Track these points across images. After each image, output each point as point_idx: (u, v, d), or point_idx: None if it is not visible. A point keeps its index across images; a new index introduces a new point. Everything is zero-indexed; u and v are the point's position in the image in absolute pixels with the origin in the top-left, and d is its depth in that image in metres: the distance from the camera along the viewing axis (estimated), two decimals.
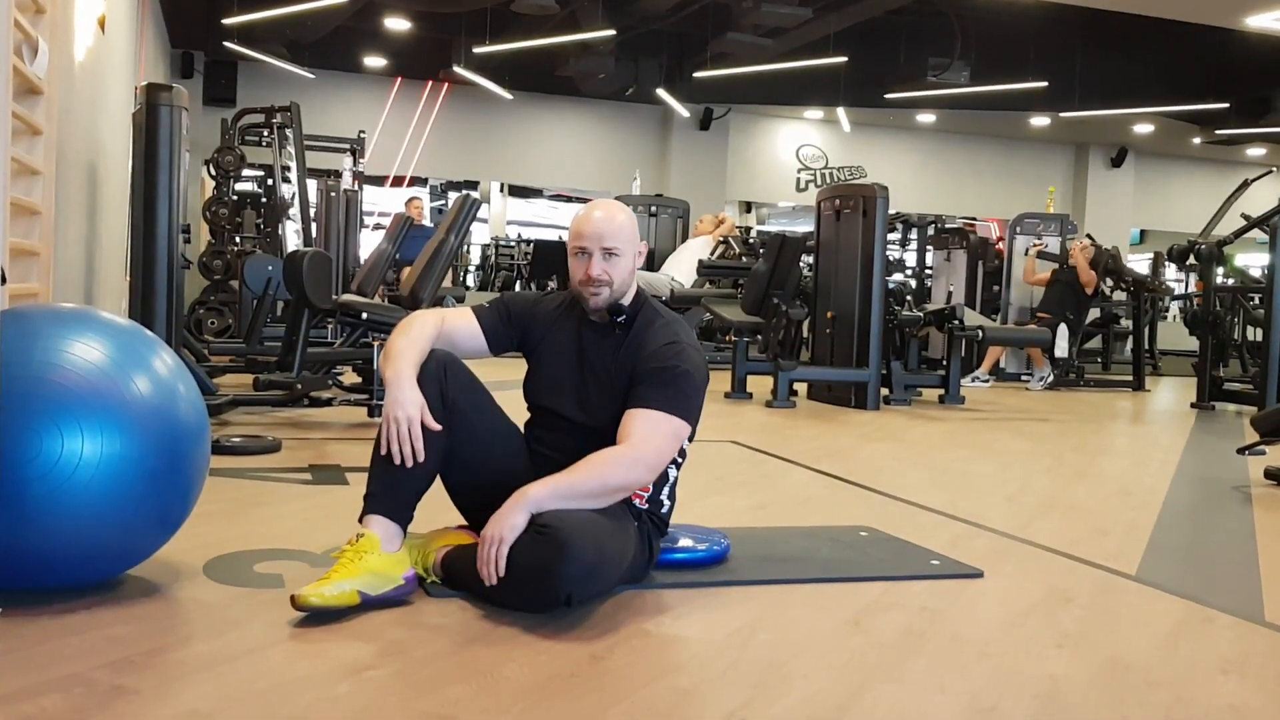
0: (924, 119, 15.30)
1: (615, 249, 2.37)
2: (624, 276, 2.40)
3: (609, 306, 2.41)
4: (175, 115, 4.26)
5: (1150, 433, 6.82)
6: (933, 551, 2.88)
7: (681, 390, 2.31)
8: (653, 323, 2.43)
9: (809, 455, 4.67)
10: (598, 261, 2.37)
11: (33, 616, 1.99)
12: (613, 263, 2.37)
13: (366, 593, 2.11)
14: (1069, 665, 2.03)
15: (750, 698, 1.79)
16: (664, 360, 2.33)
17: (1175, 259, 8.95)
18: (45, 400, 1.99)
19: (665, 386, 2.30)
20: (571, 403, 2.43)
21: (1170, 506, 3.85)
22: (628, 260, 2.40)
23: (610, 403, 2.36)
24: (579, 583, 2.08)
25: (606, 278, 2.37)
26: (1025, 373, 9.51)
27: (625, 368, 2.37)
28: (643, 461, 2.25)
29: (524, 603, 2.14)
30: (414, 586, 2.22)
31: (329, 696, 1.73)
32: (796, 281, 7.93)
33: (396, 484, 2.25)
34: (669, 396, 2.29)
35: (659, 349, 2.35)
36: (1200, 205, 14.63)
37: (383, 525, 2.22)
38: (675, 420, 2.29)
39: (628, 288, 2.43)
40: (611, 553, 2.19)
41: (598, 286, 2.38)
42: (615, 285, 2.39)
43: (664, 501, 2.47)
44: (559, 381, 2.46)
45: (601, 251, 2.37)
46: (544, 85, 13.48)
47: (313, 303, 4.94)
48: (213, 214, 9.78)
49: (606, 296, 2.39)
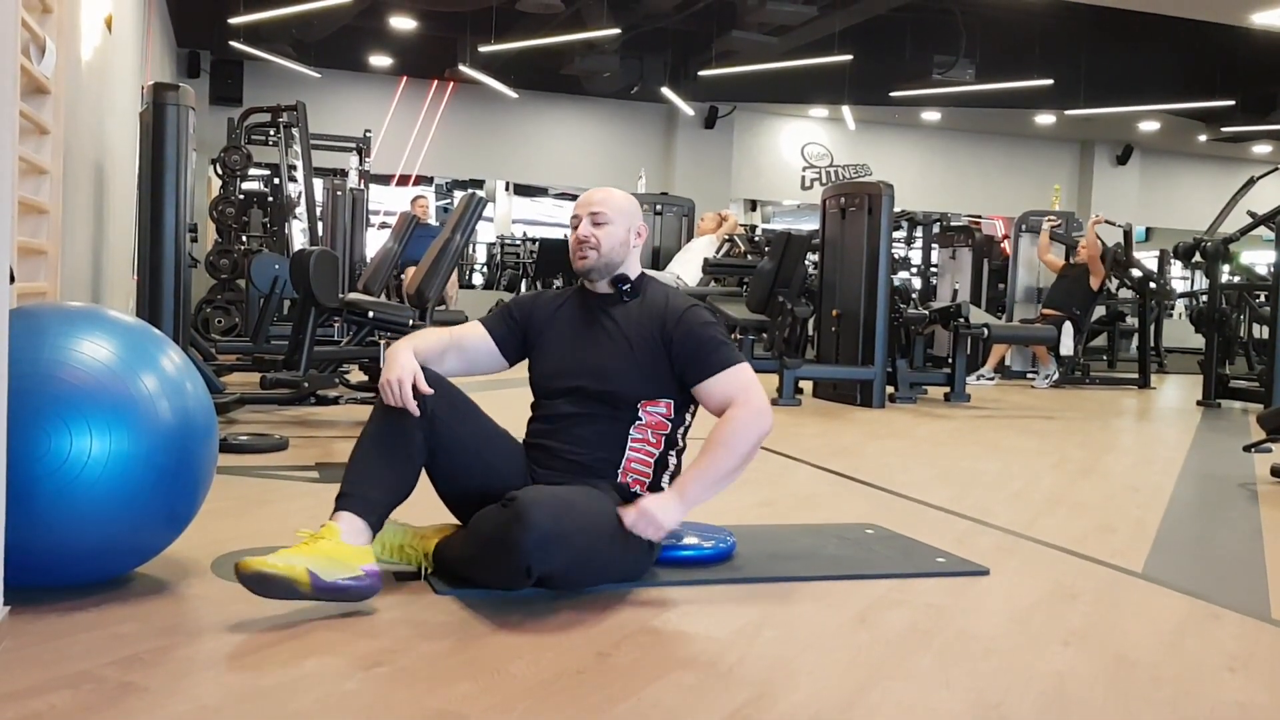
0: (929, 117, 15.27)
1: (602, 214, 2.44)
2: (614, 245, 2.45)
3: (614, 279, 2.48)
4: (182, 114, 4.27)
5: (1156, 430, 6.81)
6: (938, 549, 2.88)
7: (721, 343, 2.44)
8: (658, 291, 2.52)
9: (814, 453, 4.67)
10: (585, 225, 2.45)
11: (41, 614, 2.00)
12: (601, 229, 2.44)
13: (317, 574, 2.04)
14: (1075, 662, 2.03)
15: (756, 694, 1.79)
16: (690, 327, 2.42)
17: (1181, 256, 8.94)
18: (54, 398, 2.00)
19: (713, 348, 2.42)
20: (581, 370, 2.46)
21: (1176, 504, 3.85)
22: (618, 229, 2.45)
23: (626, 363, 2.43)
24: (537, 553, 2.07)
25: (593, 241, 2.43)
26: (1031, 370, 9.50)
27: (646, 326, 2.44)
28: (757, 409, 2.37)
29: (490, 575, 2.17)
30: (375, 582, 2.13)
31: (337, 693, 1.74)
32: (802, 279, 7.92)
33: (369, 485, 2.23)
34: (726, 354, 2.42)
35: (680, 309, 2.44)
36: (1206, 203, 14.61)
37: (348, 520, 2.18)
38: (740, 368, 2.42)
39: (621, 260, 2.48)
40: (577, 527, 2.17)
41: (584, 250, 2.44)
42: (603, 251, 2.44)
43: (665, 488, 2.46)
44: (566, 355, 2.49)
45: (589, 217, 2.45)
46: (549, 84, 13.48)
47: (319, 301, 4.95)
48: (219, 213, 9.80)
49: (593, 260, 2.44)
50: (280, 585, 2.03)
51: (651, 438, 2.45)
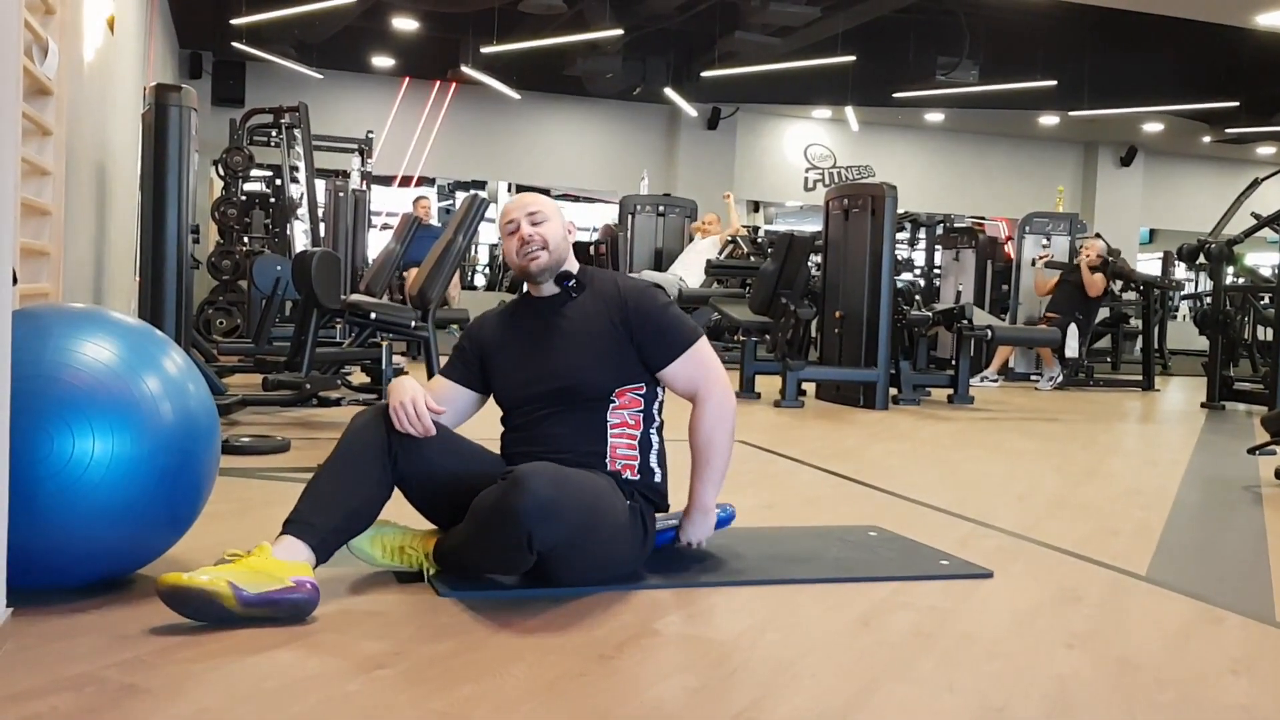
0: (932, 118, 15.27)
1: (539, 213, 2.46)
2: (558, 239, 2.47)
3: (559, 277, 2.48)
4: (184, 115, 4.27)
5: (1160, 432, 6.80)
6: (942, 551, 2.87)
7: (675, 319, 2.48)
8: (602, 277, 2.54)
9: (818, 455, 4.67)
10: (525, 226, 2.45)
11: (44, 615, 2.00)
12: (543, 226, 2.45)
13: (239, 586, 1.97)
14: (1078, 665, 2.02)
15: (759, 697, 1.79)
16: (646, 308, 2.46)
17: (1185, 258, 8.93)
18: (56, 400, 2.00)
19: (676, 327, 2.47)
20: (545, 374, 2.45)
21: (1180, 506, 3.84)
22: (556, 225, 2.47)
23: (588, 356, 2.43)
24: (536, 518, 2.06)
25: (539, 238, 2.44)
26: (1034, 372, 9.49)
27: (597, 315, 2.45)
28: (721, 388, 2.46)
29: (491, 551, 2.16)
30: (310, 594, 2.05)
31: (339, 695, 1.73)
32: (805, 281, 7.92)
33: (317, 513, 2.19)
34: (685, 333, 2.46)
35: (642, 300, 2.47)
36: (1210, 204, 14.58)
37: (285, 541, 2.12)
38: (697, 345, 2.47)
39: (565, 254, 2.49)
40: (577, 499, 2.17)
41: (534, 249, 2.44)
42: (551, 246, 2.45)
43: (654, 470, 2.47)
44: (523, 365, 2.48)
45: (527, 218, 2.46)
46: (551, 85, 13.48)
47: (321, 303, 4.95)
48: (221, 214, 9.81)
49: (545, 259, 2.45)
50: (200, 601, 1.95)
51: (630, 419, 2.45)
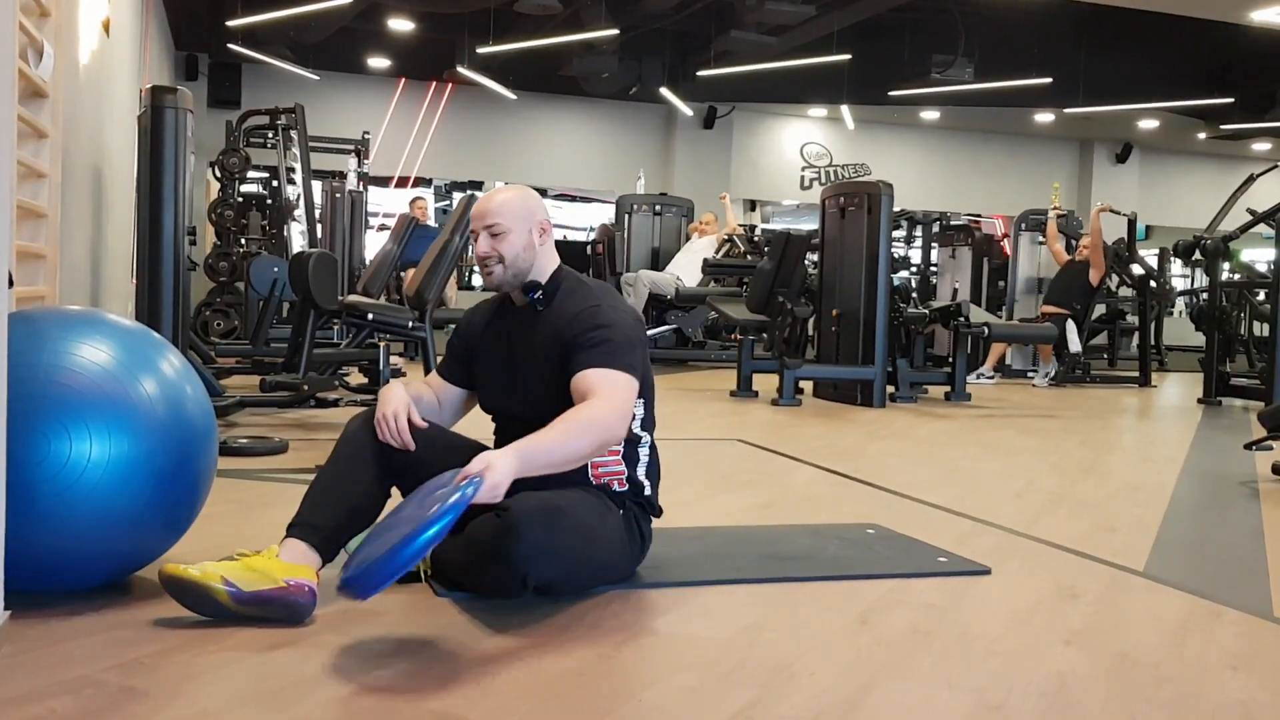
0: (928, 116, 15.27)
1: (498, 225, 2.35)
2: (516, 252, 2.36)
3: (523, 286, 2.39)
4: (180, 118, 4.26)
5: (1157, 428, 6.81)
6: (940, 549, 2.88)
7: (615, 344, 2.27)
8: (573, 292, 2.40)
9: (815, 453, 4.67)
10: (483, 240, 2.37)
11: (42, 618, 2.00)
12: (500, 240, 2.35)
13: (235, 585, 2.00)
14: (1077, 662, 2.03)
15: (758, 696, 1.79)
16: (585, 321, 2.29)
17: (1181, 254, 8.93)
18: (53, 402, 2.00)
19: (595, 345, 2.26)
20: (509, 397, 2.43)
21: (1177, 502, 3.85)
22: (517, 236, 2.36)
23: (539, 386, 2.34)
24: (533, 563, 2.08)
25: (493, 254, 2.35)
26: (1031, 369, 9.50)
27: (549, 343, 2.34)
28: (618, 413, 2.20)
29: (488, 584, 2.16)
30: (304, 598, 2.05)
31: (337, 696, 1.73)
32: (801, 279, 7.92)
33: (320, 515, 2.21)
34: (605, 353, 2.25)
35: (578, 314, 2.32)
36: (1206, 201, 14.59)
37: (291, 544, 2.14)
38: (619, 374, 2.24)
39: (529, 264, 2.38)
40: (571, 537, 2.16)
41: (488, 265, 2.37)
42: (508, 262, 2.35)
43: (644, 482, 2.42)
44: (496, 378, 2.46)
45: (485, 231, 2.37)
46: (548, 85, 13.47)
47: (318, 304, 4.94)
48: (218, 216, 9.80)
49: (500, 275, 2.37)
50: (195, 594, 2.00)
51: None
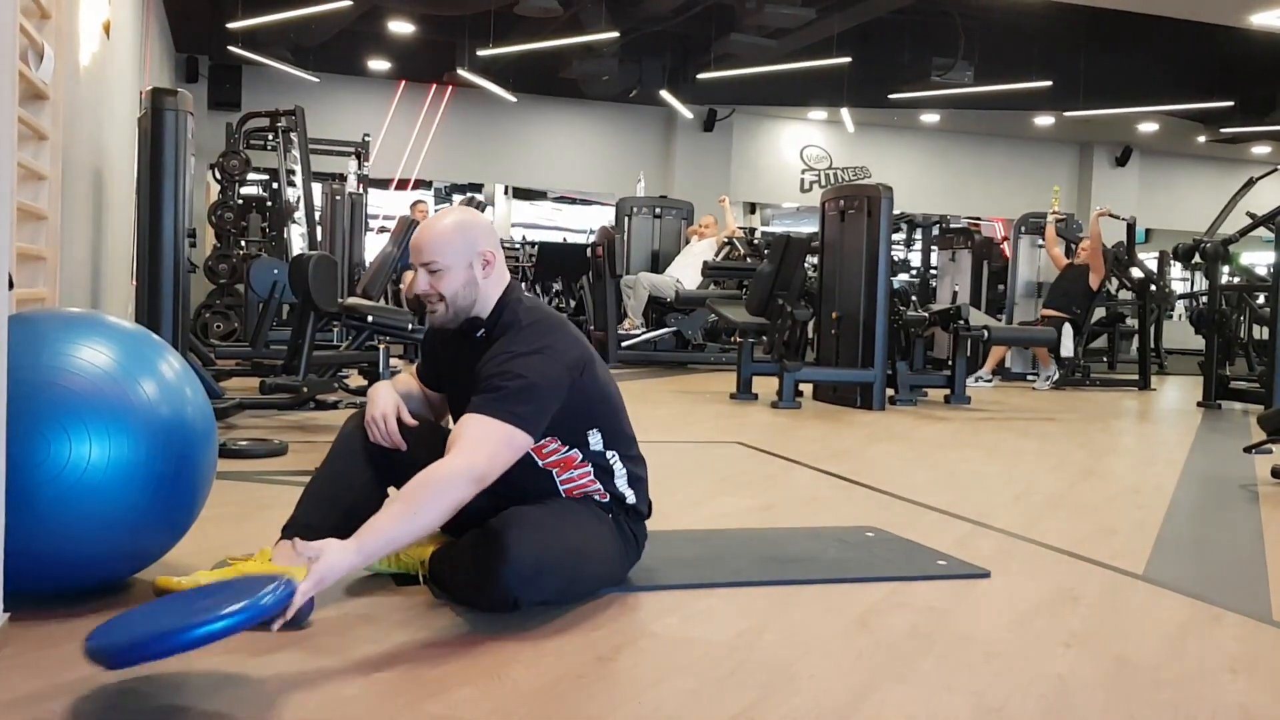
0: (928, 119, 15.28)
1: (435, 263, 2.22)
2: (455, 289, 2.23)
3: (465, 324, 2.27)
4: (180, 120, 4.27)
5: (1157, 432, 6.80)
6: (939, 551, 2.88)
7: (511, 393, 2.11)
8: (509, 329, 2.25)
9: (815, 456, 4.67)
10: (421, 279, 2.24)
11: (41, 620, 2.00)
12: (438, 278, 2.23)
13: None
14: (1076, 664, 2.03)
15: (757, 699, 1.79)
16: (502, 363, 2.16)
17: (1181, 258, 8.94)
18: (53, 404, 2.00)
19: (494, 390, 2.12)
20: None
21: (1177, 505, 3.85)
22: (456, 273, 2.22)
23: None
24: (522, 585, 2.07)
25: (434, 293, 2.24)
26: (1031, 372, 9.50)
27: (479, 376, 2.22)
28: (473, 474, 2.02)
29: (480, 604, 2.14)
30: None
31: (338, 698, 1.73)
32: (801, 282, 7.92)
33: (315, 516, 2.21)
34: (496, 400, 2.11)
35: (494, 355, 2.19)
36: (1205, 204, 14.61)
37: (286, 548, 2.14)
38: (503, 427, 2.08)
39: (470, 301, 2.25)
40: (562, 557, 2.15)
41: (431, 304, 2.26)
42: (449, 299, 2.23)
43: (625, 493, 2.35)
44: (454, 398, 2.40)
45: (423, 268, 2.24)
46: (548, 87, 13.49)
47: (318, 306, 4.94)
48: (218, 218, 9.81)
49: (443, 313, 2.25)
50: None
51: (568, 458, 2.29)
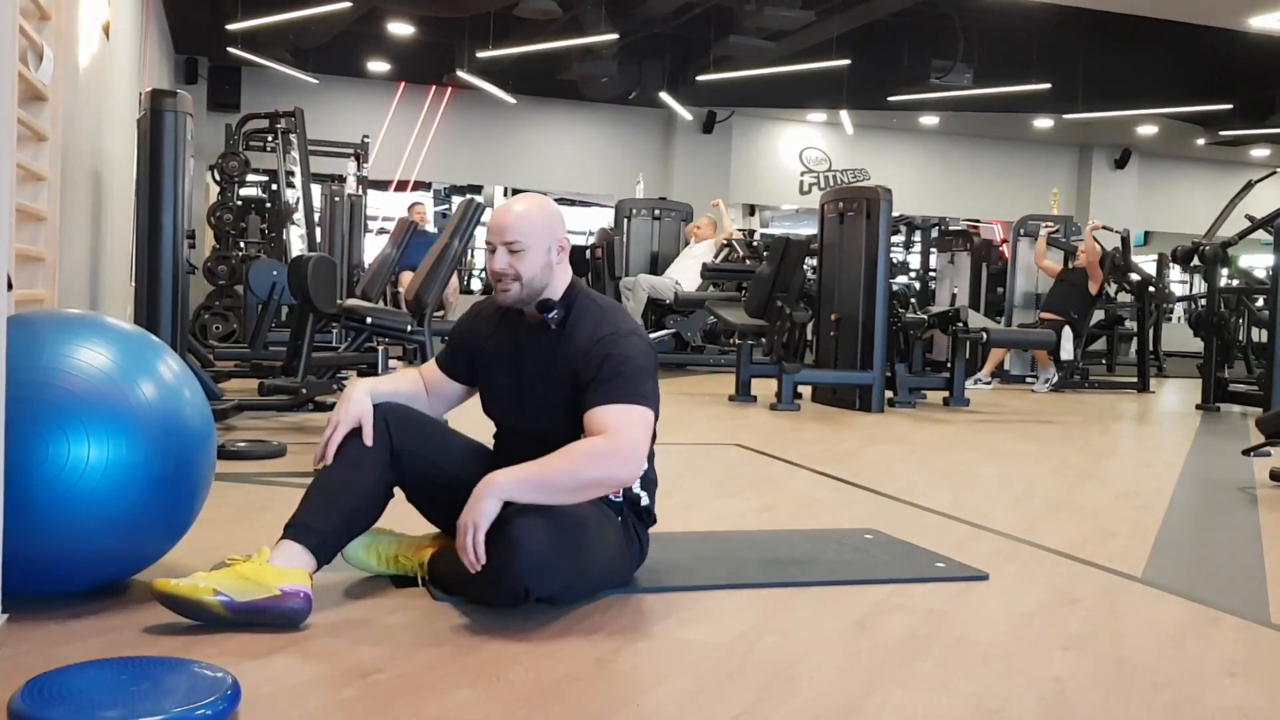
0: (927, 121, 15.29)
1: (518, 243, 2.29)
2: (534, 271, 2.30)
3: (538, 304, 2.34)
4: (180, 121, 4.26)
5: (1155, 434, 6.81)
6: (938, 554, 2.88)
7: (630, 376, 2.22)
8: (586, 313, 2.34)
9: (814, 458, 4.67)
10: (500, 256, 2.30)
11: (39, 621, 2.00)
12: (518, 258, 2.29)
13: (228, 595, 2.00)
14: (1075, 667, 2.03)
15: (756, 701, 1.79)
16: (604, 351, 2.24)
17: (1180, 260, 8.94)
18: (52, 405, 2.00)
19: (613, 378, 2.21)
20: (519, 415, 2.40)
21: (1176, 508, 3.85)
22: (536, 255, 2.30)
23: (554, 408, 2.30)
24: (533, 577, 2.06)
25: (511, 272, 2.30)
26: (1030, 375, 9.51)
27: (564, 366, 2.29)
28: (619, 453, 2.15)
29: (489, 597, 2.15)
30: (299, 603, 2.04)
31: (335, 700, 1.73)
32: (800, 284, 7.93)
33: (317, 515, 2.19)
34: (620, 386, 2.21)
35: (595, 342, 2.27)
36: (1204, 207, 14.62)
37: (285, 546, 2.13)
38: (635, 409, 2.21)
39: (546, 282, 2.33)
40: (572, 548, 2.15)
41: (504, 283, 2.31)
42: (525, 280, 2.30)
43: (640, 494, 2.39)
44: (503, 391, 2.42)
45: (503, 247, 2.31)
46: (547, 89, 13.49)
47: (317, 307, 4.94)
48: (217, 219, 9.81)
49: (516, 293, 2.31)
50: (188, 608, 2.01)
51: None
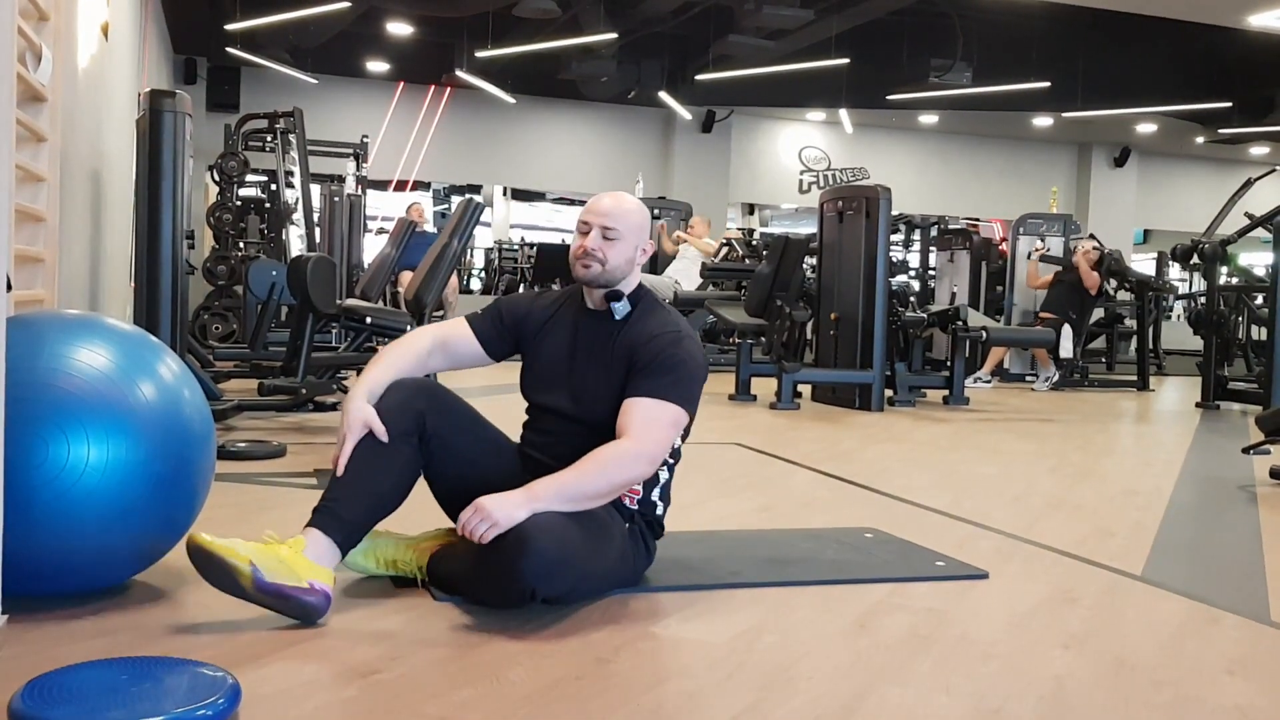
0: (926, 120, 15.29)
1: (614, 230, 2.37)
2: (619, 261, 2.38)
3: (607, 292, 2.40)
4: (179, 121, 4.27)
5: (1155, 433, 6.81)
6: (938, 553, 2.88)
7: (680, 378, 2.29)
8: (652, 312, 2.42)
9: (813, 457, 4.67)
10: (594, 236, 2.37)
11: (39, 622, 2.00)
12: (610, 244, 2.36)
13: (260, 571, 2.00)
14: (1074, 666, 2.03)
15: (756, 700, 1.79)
16: (662, 347, 2.31)
17: (1179, 258, 8.95)
18: (51, 406, 2.00)
19: (664, 373, 2.28)
20: (565, 396, 2.41)
21: (1175, 506, 3.85)
22: (626, 246, 2.38)
23: (606, 394, 2.33)
24: (541, 578, 2.06)
25: (600, 254, 2.36)
26: (1030, 373, 9.51)
27: (622, 356, 2.34)
28: (644, 455, 2.23)
29: (493, 596, 2.15)
30: (321, 601, 2.05)
31: (336, 700, 1.73)
32: (800, 283, 7.92)
33: (346, 503, 2.20)
34: (667, 384, 2.28)
35: (658, 336, 2.34)
36: (1204, 205, 14.64)
37: (316, 539, 2.14)
38: (673, 408, 2.27)
39: (624, 275, 2.40)
40: (580, 550, 2.16)
41: (589, 260, 2.36)
42: (608, 265, 2.37)
43: (656, 503, 2.41)
44: (553, 374, 2.44)
45: (600, 229, 2.37)
46: (546, 89, 13.50)
47: (317, 307, 4.94)
48: (216, 219, 9.82)
49: (597, 272, 2.37)
50: (219, 567, 2.01)
51: None
